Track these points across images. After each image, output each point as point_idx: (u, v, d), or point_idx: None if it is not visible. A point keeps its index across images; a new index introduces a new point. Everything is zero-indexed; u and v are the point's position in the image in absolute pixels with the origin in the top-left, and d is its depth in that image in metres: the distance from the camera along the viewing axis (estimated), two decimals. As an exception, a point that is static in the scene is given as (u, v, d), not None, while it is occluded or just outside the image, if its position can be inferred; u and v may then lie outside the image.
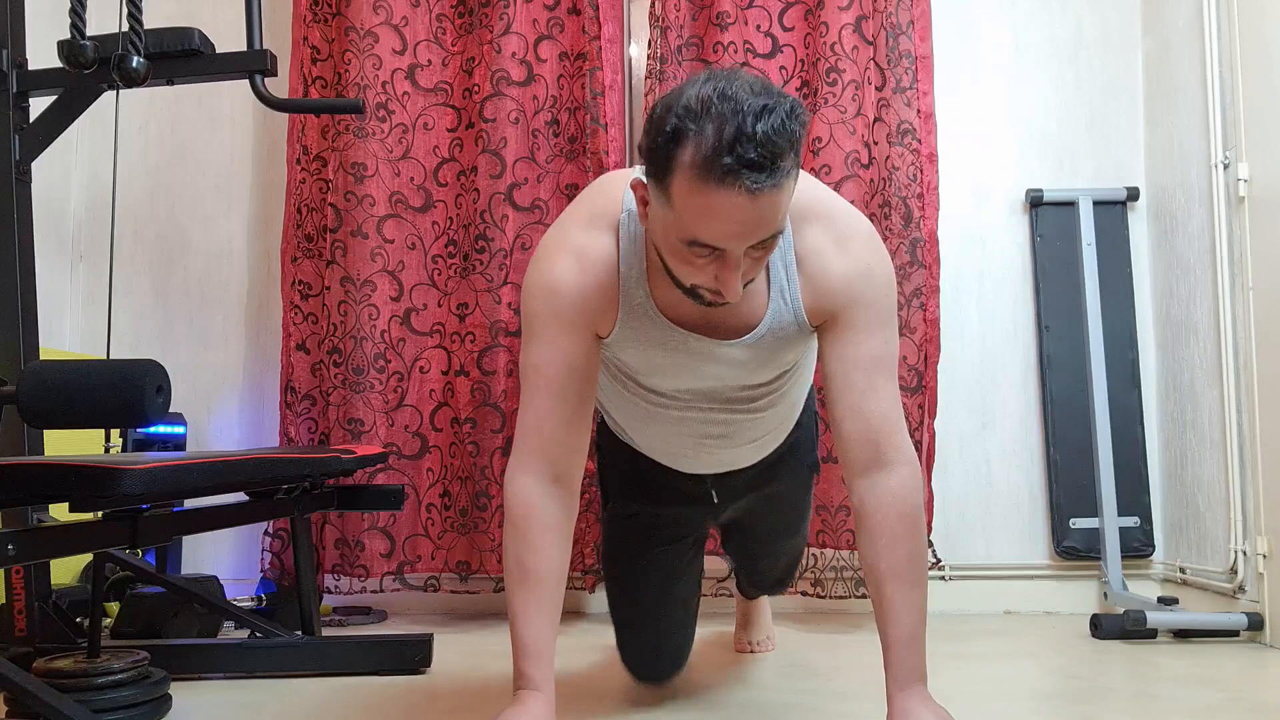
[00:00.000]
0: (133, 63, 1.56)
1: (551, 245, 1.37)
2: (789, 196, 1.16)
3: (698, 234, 1.15)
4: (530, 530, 1.34)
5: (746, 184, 1.09)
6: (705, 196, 1.11)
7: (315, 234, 2.57)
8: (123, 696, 1.49)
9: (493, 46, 2.53)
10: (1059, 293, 2.63)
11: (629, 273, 1.34)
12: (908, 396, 2.42)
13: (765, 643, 2.11)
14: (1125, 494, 2.53)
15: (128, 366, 1.25)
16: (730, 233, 1.14)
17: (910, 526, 1.31)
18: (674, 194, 1.14)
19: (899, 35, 2.51)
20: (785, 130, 1.10)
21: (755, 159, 1.08)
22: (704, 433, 1.52)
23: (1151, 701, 1.66)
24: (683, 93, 1.14)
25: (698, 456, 1.58)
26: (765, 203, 1.11)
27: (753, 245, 1.16)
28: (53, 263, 2.68)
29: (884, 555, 1.30)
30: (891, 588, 1.29)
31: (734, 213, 1.12)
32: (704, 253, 1.17)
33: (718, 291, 1.21)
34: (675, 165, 1.13)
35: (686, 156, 1.11)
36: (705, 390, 1.45)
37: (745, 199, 1.10)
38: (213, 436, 2.72)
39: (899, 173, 2.48)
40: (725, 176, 1.09)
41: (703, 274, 1.20)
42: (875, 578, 1.31)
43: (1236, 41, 2.25)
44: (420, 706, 1.64)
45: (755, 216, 1.12)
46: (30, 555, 1.27)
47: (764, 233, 1.15)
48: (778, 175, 1.11)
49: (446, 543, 2.49)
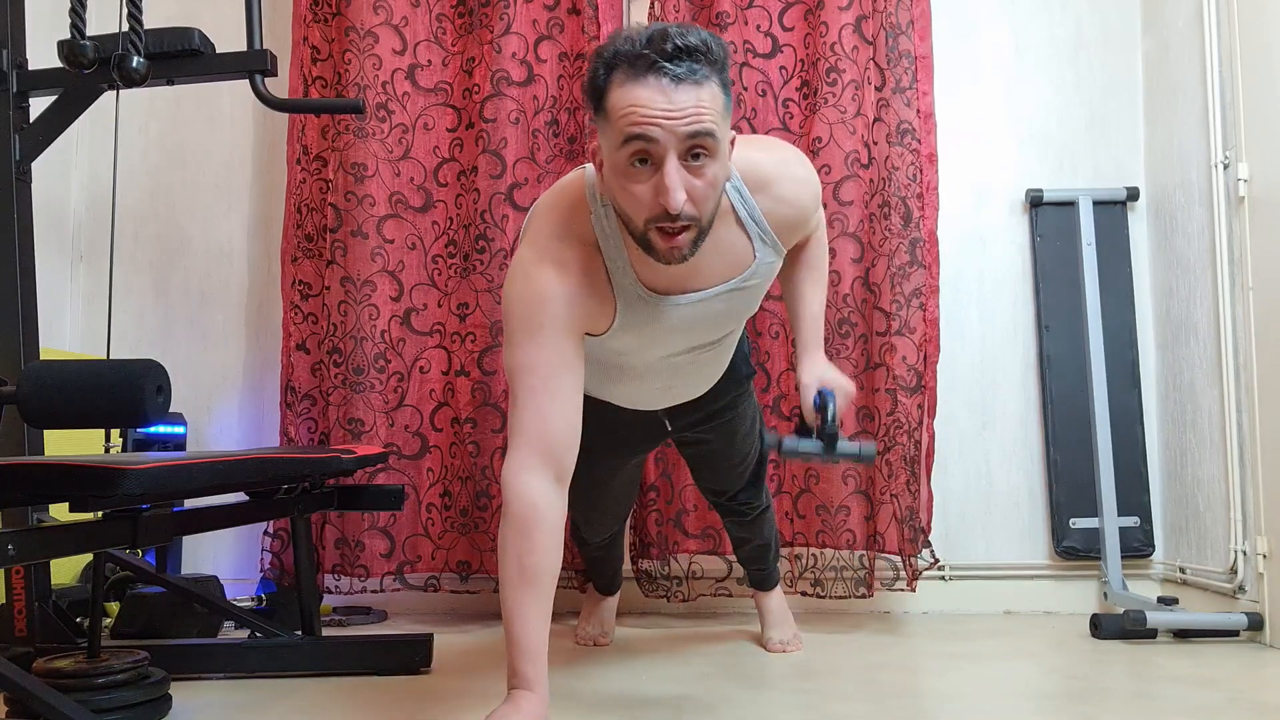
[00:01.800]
0: (133, 63, 1.56)
1: (531, 258, 1.42)
2: (713, 100, 1.27)
3: (630, 129, 1.26)
4: (533, 530, 1.36)
5: (667, 71, 1.24)
6: (632, 93, 1.26)
7: (315, 234, 2.57)
8: (123, 696, 1.49)
9: (493, 47, 2.53)
10: (1059, 293, 2.63)
11: (614, 264, 1.43)
12: (907, 396, 2.42)
13: (793, 641, 2.12)
14: (1125, 494, 2.53)
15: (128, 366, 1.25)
16: (655, 122, 1.25)
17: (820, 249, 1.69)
18: (609, 108, 1.28)
19: (899, 35, 2.51)
20: (702, 41, 1.26)
21: (671, 51, 1.24)
22: (667, 383, 1.69)
23: (1151, 701, 1.66)
24: (616, 34, 1.32)
25: (657, 399, 1.76)
26: (685, 94, 1.25)
27: (687, 149, 1.26)
28: (53, 263, 2.68)
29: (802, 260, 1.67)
30: (801, 276, 1.67)
31: (656, 99, 1.25)
32: (640, 159, 1.27)
33: (664, 227, 1.30)
34: (609, 85, 1.28)
35: (616, 75, 1.28)
36: (681, 347, 1.58)
37: (666, 84, 1.24)
38: (213, 436, 2.72)
39: (899, 173, 2.48)
40: (648, 70, 1.25)
41: (645, 191, 1.29)
42: (793, 275, 1.68)
43: (1236, 41, 2.25)
44: (420, 706, 1.64)
45: (679, 107, 1.24)
46: (30, 555, 1.27)
47: (688, 125, 1.25)
48: (697, 73, 1.25)
49: (447, 543, 2.49)
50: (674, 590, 2.50)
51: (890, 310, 2.44)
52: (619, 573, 2.26)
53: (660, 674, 1.88)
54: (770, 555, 2.14)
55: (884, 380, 2.44)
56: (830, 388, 1.59)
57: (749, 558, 2.15)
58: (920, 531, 2.43)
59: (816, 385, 1.60)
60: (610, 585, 2.25)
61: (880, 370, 2.45)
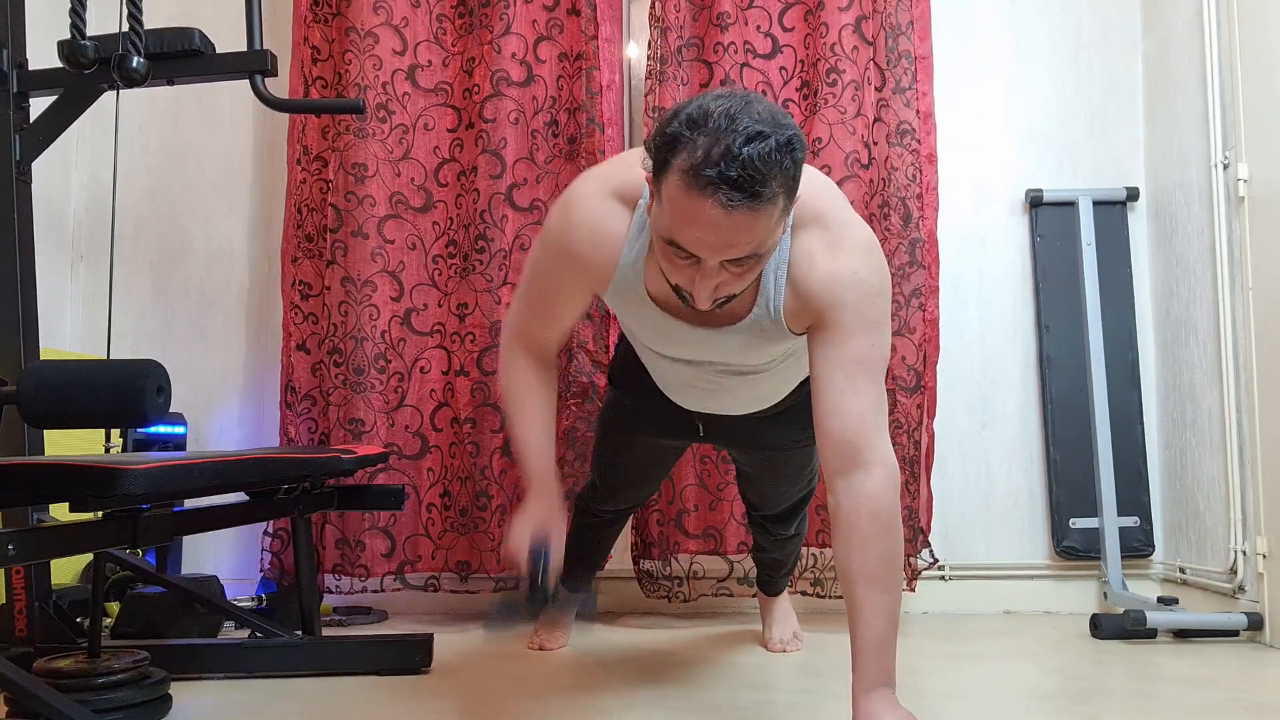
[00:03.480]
0: (133, 63, 1.56)
1: (576, 201, 1.44)
2: (770, 223, 1.19)
3: (676, 236, 1.21)
4: (524, 369, 1.54)
5: (723, 199, 1.14)
6: (686, 203, 1.17)
7: (315, 234, 2.57)
8: (123, 696, 1.48)
9: (492, 47, 2.53)
10: (1059, 293, 2.63)
11: (629, 254, 1.40)
12: (907, 396, 2.42)
13: (794, 641, 2.13)
14: (1125, 494, 2.53)
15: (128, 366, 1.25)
16: (703, 242, 1.19)
17: (884, 528, 1.31)
18: (664, 194, 1.21)
19: (899, 36, 2.51)
20: (773, 158, 1.14)
21: (735, 177, 1.13)
22: (696, 385, 1.64)
23: (1151, 701, 1.66)
24: (693, 102, 1.20)
25: (688, 400, 1.72)
26: (740, 221, 1.16)
27: (729, 261, 1.21)
28: (53, 263, 2.68)
29: (855, 556, 1.30)
30: (861, 589, 1.30)
31: (708, 224, 1.17)
32: (682, 255, 1.23)
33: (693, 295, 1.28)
34: (668, 168, 1.19)
35: (677, 162, 1.17)
36: (700, 360, 1.55)
37: (720, 213, 1.15)
38: (213, 436, 2.72)
39: (898, 173, 2.48)
40: (705, 187, 1.14)
41: (682, 275, 1.26)
42: (847, 579, 1.32)
43: (1236, 41, 2.25)
44: (420, 706, 1.64)
45: (729, 232, 1.17)
46: (30, 555, 1.27)
47: (737, 251, 1.20)
48: (757, 200, 1.15)
49: (447, 543, 2.49)
50: (675, 590, 2.50)
51: (890, 310, 2.44)
52: (593, 570, 2.22)
53: (660, 674, 1.88)
54: (783, 570, 2.15)
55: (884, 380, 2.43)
56: None
57: (763, 563, 2.15)
58: (920, 531, 2.43)
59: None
60: (580, 580, 2.18)
61: (880, 370, 2.45)
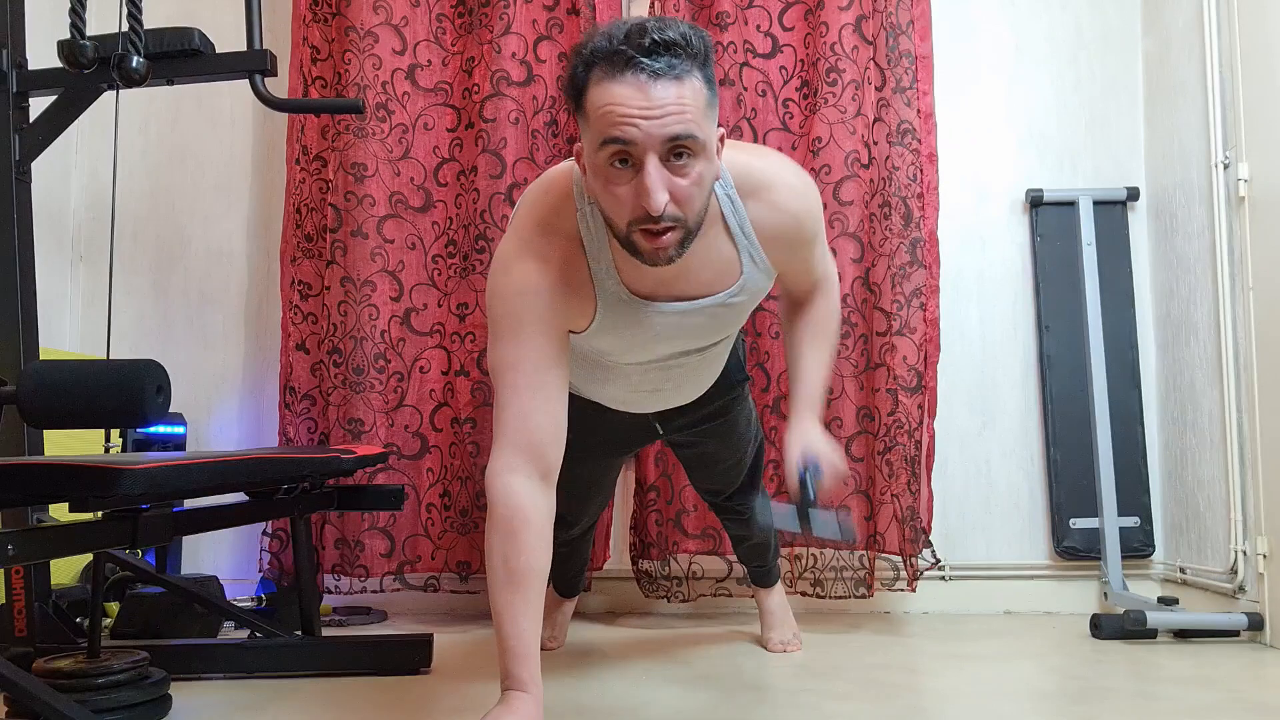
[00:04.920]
0: (133, 63, 1.56)
1: (513, 251, 1.40)
2: (697, 99, 1.22)
3: (608, 131, 1.21)
4: (518, 530, 1.35)
5: (644, 67, 1.19)
6: (609, 88, 1.20)
7: (315, 234, 2.57)
8: (123, 697, 1.49)
9: (492, 47, 2.53)
10: (1059, 293, 2.63)
11: (598, 264, 1.40)
12: (907, 396, 2.42)
13: (793, 641, 2.13)
14: (1125, 494, 2.53)
15: (128, 366, 1.25)
16: (634, 116, 1.20)
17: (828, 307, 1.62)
18: (587, 107, 1.23)
19: (899, 35, 2.51)
20: (681, 30, 1.21)
21: (648, 45, 1.19)
22: (655, 386, 1.65)
23: (1151, 701, 1.66)
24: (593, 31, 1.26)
25: (645, 403, 1.73)
26: (665, 91, 1.19)
27: (669, 150, 1.22)
28: (53, 263, 2.68)
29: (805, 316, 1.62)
30: (803, 333, 1.61)
31: (635, 100, 1.19)
32: (621, 159, 1.23)
33: (648, 229, 1.25)
34: (588, 84, 1.23)
35: (594, 73, 1.22)
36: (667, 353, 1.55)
37: (644, 81, 1.19)
38: (213, 436, 2.72)
39: (899, 173, 2.48)
40: (624, 66, 1.20)
41: (628, 198, 1.24)
42: (795, 334, 1.62)
43: (1236, 41, 2.25)
44: (420, 706, 1.64)
45: (657, 105, 1.19)
46: (30, 555, 1.27)
47: (670, 126, 1.20)
48: (676, 68, 1.20)
49: (446, 543, 2.49)
50: (674, 590, 2.50)
51: (890, 310, 2.44)
52: (581, 574, 2.22)
53: (660, 674, 1.88)
54: (769, 552, 2.14)
55: (884, 380, 2.44)
56: (818, 460, 1.49)
57: (748, 555, 2.15)
58: (920, 531, 2.43)
59: (802, 454, 1.50)
60: (571, 587, 2.20)
61: (880, 370, 2.45)
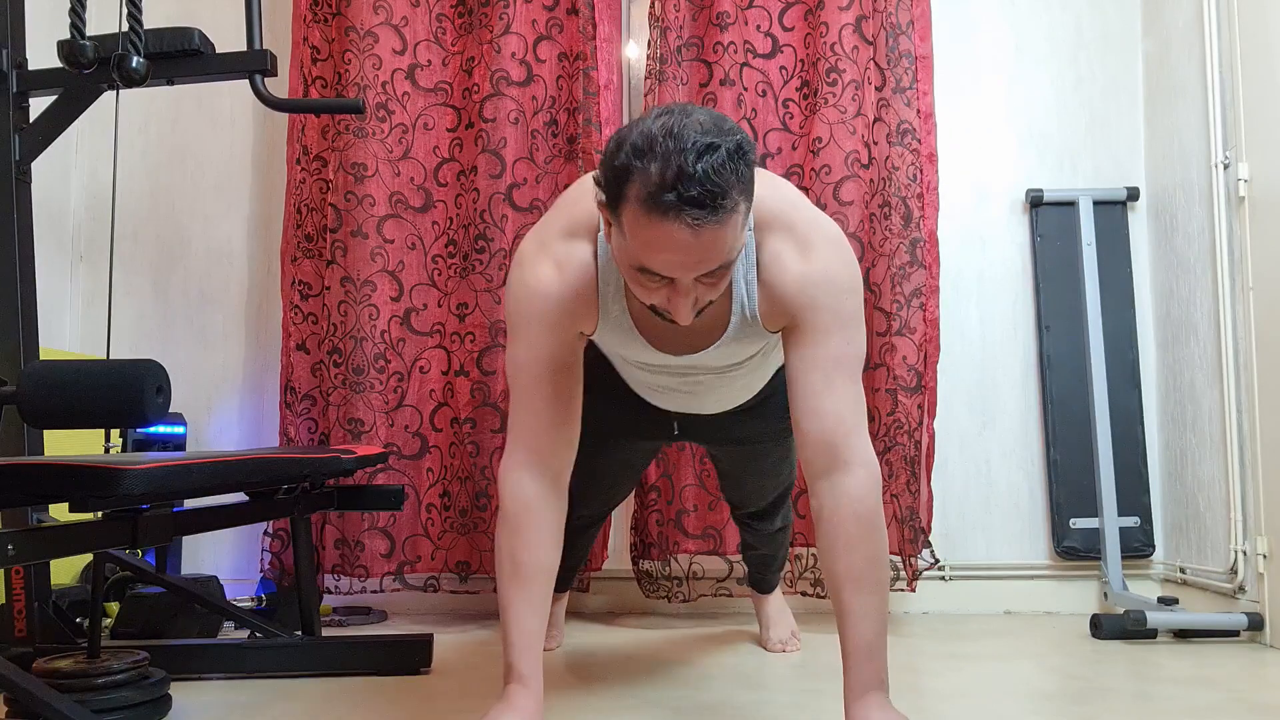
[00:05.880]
0: (133, 63, 1.56)
1: (532, 251, 1.42)
2: (735, 231, 1.19)
3: (645, 263, 1.20)
4: (526, 527, 1.39)
5: (688, 219, 1.13)
6: (650, 230, 1.16)
7: (315, 234, 2.57)
8: (123, 697, 1.48)
9: (492, 47, 2.53)
10: (1059, 293, 2.63)
11: (606, 287, 1.40)
12: (907, 396, 2.42)
13: (793, 641, 2.13)
14: (1125, 494, 2.53)
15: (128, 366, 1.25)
16: (675, 264, 1.18)
17: (867, 529, 1.31)
18: (625, 225, 1.19)
19: (899, 35, 2.51)
20: (727, 168, 1.14)
21: (696, 196, 1.12)
22: (677, 390, 1.64)
23: (1151, 701, 1.66)
24: (634, 128, 1.18)
25: (666, 401, 1.72)
26: (708, 237, 1.16)
27: (702, 275, 1.21)
28: (53, 263, 2.68)
29: (841, 559, 1.30)
30: (849, 593, 1.29)
31: (677, 246, 1.16)
32: (655, 279, 1.22)
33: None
34: (624, 199, 1.17)
35: (633, 192, 1.16)
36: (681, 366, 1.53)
37: (688, 233, 1.14)
38: (213, 436, 2.72)
39: (899, 173, 2.48)
40: (668, 212, 1.13)
41: (657, 296, 1.25)
42: (834, 583, 1.31)
43: (1236, 41, 2.25)
44: (420, 706, 1.64)
45: (698, 250, 1.17)
46: (30, 555, 1.27)
47: (709, 265, 1.20)
48: (720, 212, 1.14)
49: (446, 543, 2.49)
50: (674, 590, 2.50)
51: (890, 310, 2.44)
52: (576, 570, 2.20)
53: (660, 674, 1.88)
54: (774, 566, 2.15)
55: (884, 380, 2.44)
56: None
57: (752, 561, 2.15)
58: (920, 531, 2.43)
59: None
60: (564, 579, 2.17)
61: (880, 370, 2.45)
